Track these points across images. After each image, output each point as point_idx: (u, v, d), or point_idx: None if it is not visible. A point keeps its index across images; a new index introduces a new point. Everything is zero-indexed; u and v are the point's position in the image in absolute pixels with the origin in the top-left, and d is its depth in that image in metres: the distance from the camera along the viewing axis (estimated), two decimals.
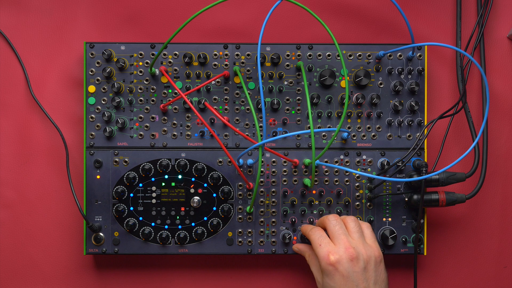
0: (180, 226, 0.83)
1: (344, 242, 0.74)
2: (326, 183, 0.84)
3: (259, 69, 0.72)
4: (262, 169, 0.83)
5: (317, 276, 0.78)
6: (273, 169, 0.84)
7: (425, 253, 0.84)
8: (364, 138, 0.84)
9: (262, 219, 0.84)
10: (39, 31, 0.87)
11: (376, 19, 0.88)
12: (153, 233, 0.83)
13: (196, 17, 0.87)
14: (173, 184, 0.83)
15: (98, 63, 0.83)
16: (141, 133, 0.83)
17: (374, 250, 0.75)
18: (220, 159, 0.83)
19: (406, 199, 0.83)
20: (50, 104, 0.87)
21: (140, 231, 0.83)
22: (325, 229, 0.78)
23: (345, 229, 0.76)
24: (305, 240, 0.83)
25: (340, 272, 0.73)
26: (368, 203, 0.84)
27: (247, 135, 0.83)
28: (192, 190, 0.83)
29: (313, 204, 0.84)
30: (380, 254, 0.75)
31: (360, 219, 0.83)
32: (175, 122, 0.83)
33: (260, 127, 0.82)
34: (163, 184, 0.83)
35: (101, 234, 0.83)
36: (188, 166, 0.83)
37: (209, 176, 0.83)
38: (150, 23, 0.88)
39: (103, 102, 0.83)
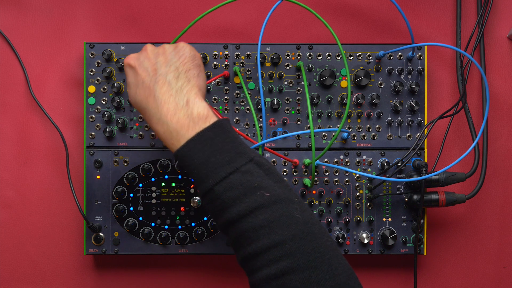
0: (180, 226, 0.83)
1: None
2: (326, 183, 0.84)
3: (259, 69, 0.72)
4: None
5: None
6: None
7: (425, 253, 0.84)
8: (364, 138, 0.84)
9: None
10: (39, 31, 0.87)
11: (376, 19, 0.88)
12: (153, 233, 0.83)
13: (198, 20, 0.87)
14: (173, 184, 0.83)
15: (98, 63, 0.83)
16: (141, 133, 0.83)
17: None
18: None
19: (406, 199, 0.83)
20: (50, 104, 0.87)
21: (140, 231, 0.83)
22: None
23: None
24: None
25: (132, 66, 0.68)
26: (368, 203, 0.84)
27: (247, 135, 0.83)
28: (192, 190, 0.83)
29: (313, 204, 0.84)
30: (183, 45, 0.70)
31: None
32: None
33: (260, 127, 0.82)
34: (163, 184, 0.83)
35: (101, 234, 0.83)
36: None
37: None
38: (150, 23, 0.88)
39: (103, 102, 0.83)
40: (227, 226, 0.62)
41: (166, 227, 0.83)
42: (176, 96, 0.64)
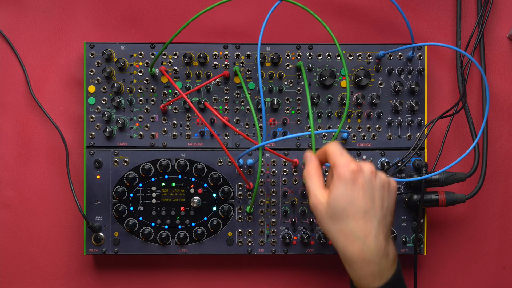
0: (180, 226, 0.83)
1: (364, 162, 0.70)
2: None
3: (259, 70, 0.72)
4: (262, 169, 0.83)
5: (317, 190, 0.69)
6: (273, 169, 0.84)
7: (425, 253, 0.84)
8: (364, 138, 0.84)
9: (262, 219, 0.84)
10: (39, 31, 0.87)
11: (376, 19, 0.88)
12: (153, 233, 0.83)
13: (197, 17, 0.87)
14: (173, 184, 0.83)
15: (98, 63, 0.83)
16: (141, 133, 0.83)
17: (392, 180, 0.72)
18: (220, 159, 0.83)
19: (406, 199, 0.83)
20: (50, 104, 0.87)
21: (140, 231, 0.83)
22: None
23: None
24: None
25: (359, 182, 0.67)
26: None
27: (247, 135, 0.83)
28: (192, 190, 0.83)
29: None
30: (396, 186, 0.72)
31: None
32: (175, 122, 0.83)
33: (260, 127, 0.82)
34: (163, 184, 0.83)
35: (101, 234, 0.83)
36: (188, 166, 0.83)
37: (209, 176, 0.83)
38: (150, 23, 0.88)
39: (103, 102, 0.83)
40: None
41: (166, 227, 0.83)
42: (387, 241, 0.69)
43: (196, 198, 0.83)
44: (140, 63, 0.83)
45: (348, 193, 0.67)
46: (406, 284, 0.71)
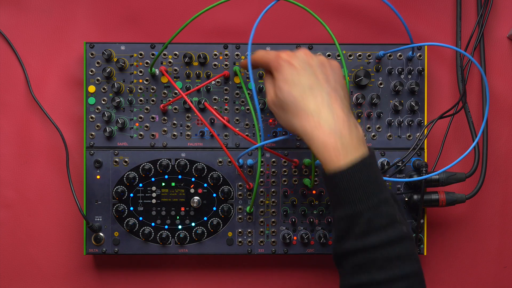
0: (180, 226, 0.83)
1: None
2: None
3: (250, 72, 0.72)
4: (262, 169, 0.83)
5: (269, 88, 0.71)
6: (273, 169, 0.84)
7: (425, 253, 0.84)
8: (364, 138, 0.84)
9: (262, 219, 0.84)
10: (39, 31, 0.87)
11: (376, 19, 0.88)
12: (153, 233, 0.83)
13: (196, 17, 0.87)
14: (173, 184, 0.83)
15: (98, 63, 0.83)
16: (141, 133, 0.83)
17: (332, 59, 0.71)
18: (220, 159, 0.83)
19: (406, 199, 0.83)
20: (50, 104, 0.87)
21: (140, 231, 0.83)
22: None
23: None
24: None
25: (294, 65, 0.67)
26: None
27: (247, 135, 0.83)
28: (192, 190, 0.83)
29: (313, 204, 0.84)
30: (338, 64, 0.71)
31: None
32: (175, 122, 0.83)
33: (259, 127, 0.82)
34: (163, 184, 0.83)
35: (101, 234, 0.83)
36: (188, 166, 0.83)
37: (209, 176, 0.83)
38: (150, 23, 0.88)
39: (103, 102, 0.83)
40: (358, 250, 0.63)
41: (166, 227, 0.83)
42: (347, 115, 0.66)
43: (196, 198, 0.83)
44: (140, 63, 0.83)
45: (288, 78, 0.67)
46: (384, 184, 0.65)
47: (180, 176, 0.83)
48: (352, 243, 0.63)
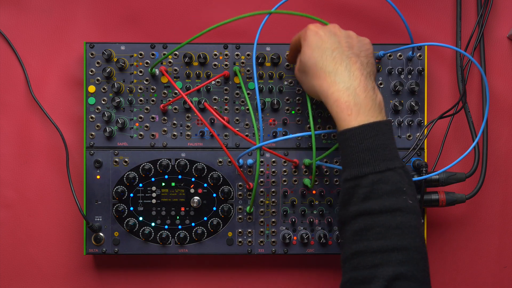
0: (180, 226, 0.83)
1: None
2: (326, 183, 0.84)
3: (255, 72, 0.72)
4: (262, 169, 0.83)
5: (297, 60, 0.75)
6: (273, 169, 0.84)
7: None
8: None
9: (262, 219, 0.84)
10: (39, 31, 0.87)
11: (376, 19, 0.88)
12: (153, 233, 0.83)
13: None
14: (173, 184, 0.83)
15: (98, 63, 0.83)
16: (141, 133, 0.83)
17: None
18: (220, 159, 0.83)
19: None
20: (50, 104, 0.87)
21: (140, 231, 0.83)
22: None
23: None
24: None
25: (319, 33, 0.70)
26: None
27: (246, 135, 0.83)
28: (192, 190, 0.83)
29: (313, 204, 0.84)
30: (369, 40, 0.73)
31: None
32: (175, 122, 0.83)
33: (259, 128, 0.82)
34: (163, 184, 0.83)
35: (101, 234, 0.83)
36: (188, 166, 0.83)
37: (209, 176, 0.83)
38: (150, 23, 0.88)
39: (103, 102, 0.83)
40: (359, 215, 0.63)
41: (166, 227, 0.83)
42: (366, 78, 0.67)
43: (196, 198, 0.83)
44: (140, 63, 0.83)
45: (312, 43, 0.70)
46: (397, 154, 0.66)
47: (180, 176, 0.83)
48: (354, 208, 0.63)
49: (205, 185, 0.83)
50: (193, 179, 0.83)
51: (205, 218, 0.83)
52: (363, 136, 0.63)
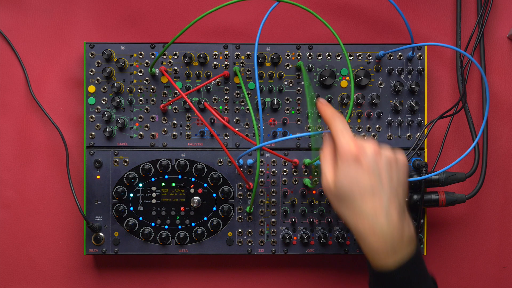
0: (180, 226, 0.83)
1: (368, 140, 0.68)
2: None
3: (256, 73, 0.72)
4: (262, 169, 0.83)
5: (327, 170, 0.69)
6: (273, 169, 0.84)
7: (425, 253, 0.84)
8: (364, 138, 0.84)
9: (262, 219, 0.84)
10: (39, 31, 0.87)
11: (376, 19, 0.88)
12: (153, 233, 0.83)
13: (196, 17, 0.87)
14: (173, 184, 0.83)
15: (98, 63, 0.83)
16: (141, 133, 0.83)
17: (400, 154, 0.69)
18: (220, 159, 0.83)
19: (406, 199, 0.83)
20: (50, 104, 0.87)
21: (140, 231, 0.83)
22: None
23: None
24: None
25: (362, 163, 0.65)
26: None
27: (246, 135, 0.83)
28: (192, 190, 0.83)
29: (313, 204, 0.84)
30: (406, 161, 0.69)
31: None
32: (175, 122, 0.83)
33: (259, 128, 0.82)
34: (163, 184, 0.83)
35: (101, 234, 0.83)
36: (188, 166, 0.83)
37: (209, 176, 0.83)
38: (150, 23, 0.88)
39: (103, 102, 0.83)
40: None
41: (166, 227, 0.83)
42: (402, 219, 0.66)
43: (196, 198, 0.83)
44: (140, 63, 0.83)
45: (352, 174, 0.65)
46: (428, 272, 0.68)
47: (180, 176, 0.83)
48: None
49: (205, 185, 0.83)
50: (193, 179, 0.83)
51: (205, 218, 0.83)
52: (400, 275, 0.66)
